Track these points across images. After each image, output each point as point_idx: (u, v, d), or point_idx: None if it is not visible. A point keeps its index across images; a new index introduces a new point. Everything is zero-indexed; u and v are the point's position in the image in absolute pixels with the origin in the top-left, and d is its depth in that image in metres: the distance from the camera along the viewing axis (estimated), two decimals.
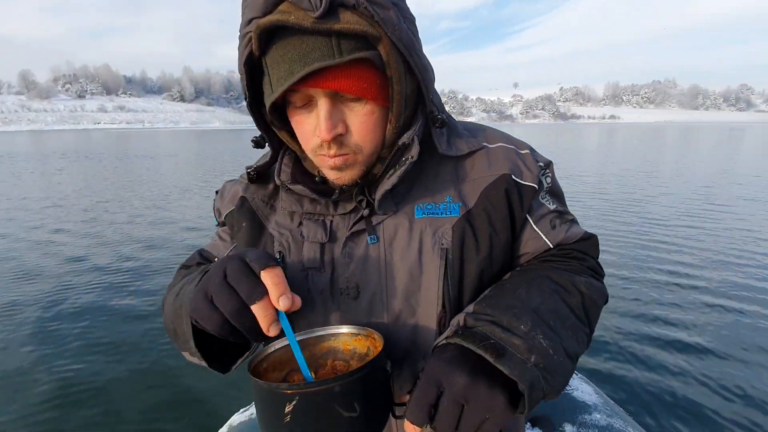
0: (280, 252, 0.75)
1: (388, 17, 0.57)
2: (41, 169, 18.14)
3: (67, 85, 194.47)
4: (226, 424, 1.61)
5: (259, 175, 0.78)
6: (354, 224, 0.72)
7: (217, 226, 0.87)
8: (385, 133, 0.66)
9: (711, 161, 18.33)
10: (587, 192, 10.81)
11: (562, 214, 0.77)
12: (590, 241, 0.78)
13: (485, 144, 0.76)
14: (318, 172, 0.73)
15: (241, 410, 1.97)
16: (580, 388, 1.55)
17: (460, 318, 0.62)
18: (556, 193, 0.78)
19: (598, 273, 0.76)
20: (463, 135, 0.77)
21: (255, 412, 0.57)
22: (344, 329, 0.68)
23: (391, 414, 0.60)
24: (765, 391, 2.97)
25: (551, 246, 0.75)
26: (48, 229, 7.81)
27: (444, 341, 0.58)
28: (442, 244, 0.69)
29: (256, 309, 0.51)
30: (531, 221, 0.74)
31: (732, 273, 5.05)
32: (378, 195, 0.68)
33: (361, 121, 0.63)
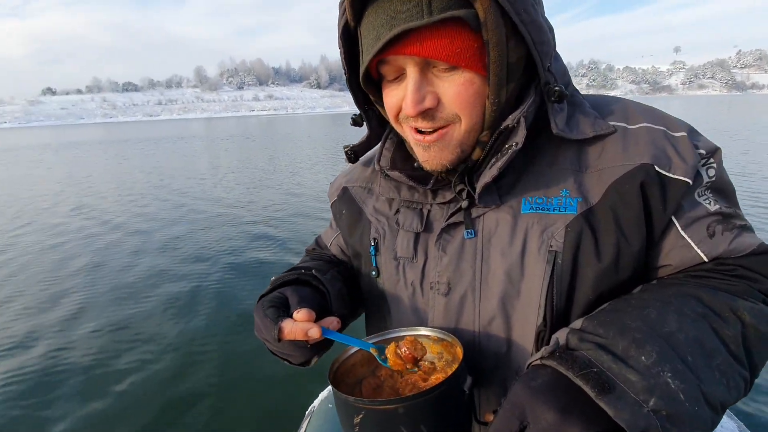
0: (374, 239, 0.74)
1: None
2: (211, 147, 22.83)
3: (230, 78, 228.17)
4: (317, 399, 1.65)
5: (357, 156, 0.76)
6: (451, 215, 0.67)
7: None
8: (484, 110, 0.58)
9: None
10: (759, 192, 7.56)
11: (728, 218, 0.60)
12: (767, 256, 0.60)
13: (622, 124, 0.63)
14: None
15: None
16: (723, 424, 1.29)
17: (561, 335, 0.52)
18: (722, 190, 0.62)
19: None
20: (590, 114, 0.64)
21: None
22: (429, 332, 0.66)
23: None
24: None
25: (705, 259, 0.59)
26: (215, 197, 10.16)
27: (538, 361, 0.50)
28: (551, 246, 0.60)
29: (287, 340, 0.61)
30: (678, 225, 0.60)
31: None
32: (478, 187, 0.62)
33: (457, 90, 0.56)
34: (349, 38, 0.60)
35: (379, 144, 0.73)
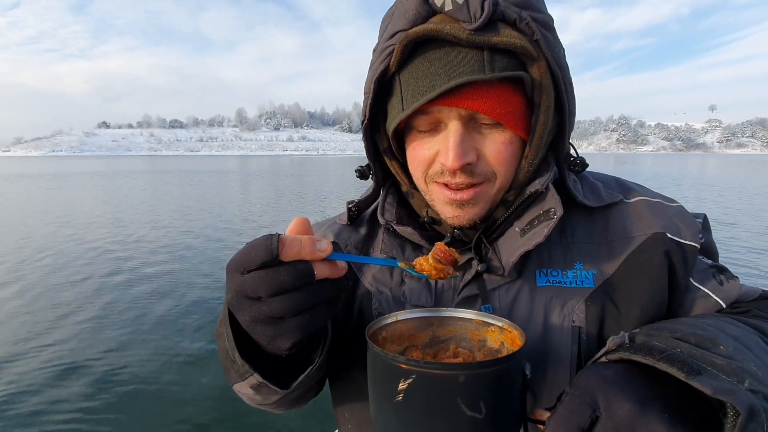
0: (379, 312, 0.66)
1: (549, 37, 0.54)
2: (244, 182, 24.98)
3: (268, 120, 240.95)
4: None
5: (359, 213, 0.74)
6: (463, 287, 0.63)
7: None
8: (517, 170, 0.59)
9: None
10: None
11: (723, 270, 0.65)
12: None
13: (621, 197, 0.66)
14: (427, 212, 0.66)
15: None
16: None
17: (617, 338, 0.47)
18: (712, 251, 0.68)
19: None
20: (596, 184, 0.68)
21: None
22: (476, 316, 0.58)
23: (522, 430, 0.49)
24: None
25: (724, 305, 0.62)
26: (231, 225, 11.42)
27: (604, 358, 0.46)
28: (573, 321, 0.58)
29: (290, 264, 0.45)
30: (693, 281, 0.63)
31: None
32: (513, 257, 0.59)
33: (498, 149, 0.56)
34: (380, 85, 0.59)
35: (380, 199, 0.70)
